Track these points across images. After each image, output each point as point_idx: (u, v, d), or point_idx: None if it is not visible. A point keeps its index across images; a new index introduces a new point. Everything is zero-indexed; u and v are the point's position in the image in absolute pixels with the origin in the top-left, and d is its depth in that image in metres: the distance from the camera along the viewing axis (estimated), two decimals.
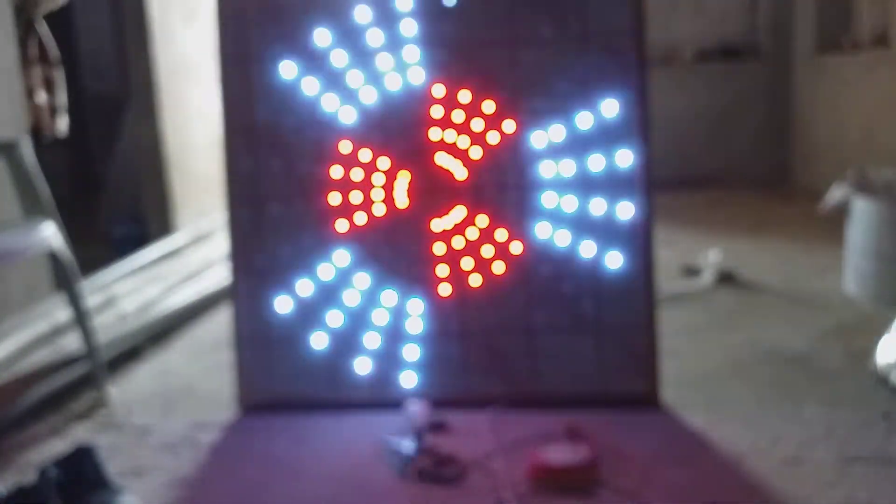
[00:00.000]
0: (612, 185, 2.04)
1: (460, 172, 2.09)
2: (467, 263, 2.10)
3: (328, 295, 2.13)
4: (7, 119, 2.80)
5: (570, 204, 2.05)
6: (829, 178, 3.86)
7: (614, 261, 2.04)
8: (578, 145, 2.05)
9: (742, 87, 5.92)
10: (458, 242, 2.10)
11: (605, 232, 2.04)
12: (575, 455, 1.68)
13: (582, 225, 2.05)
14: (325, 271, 2.13)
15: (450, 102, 2.08)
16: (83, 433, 2.07)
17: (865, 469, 1.68)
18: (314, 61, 2.10)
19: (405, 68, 2.08)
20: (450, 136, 2.09)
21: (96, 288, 3.03)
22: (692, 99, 5.96)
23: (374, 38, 2.08)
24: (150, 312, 2.89)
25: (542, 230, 2.07)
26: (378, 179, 2.11)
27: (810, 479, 1.66)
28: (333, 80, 2.10)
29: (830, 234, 3.62)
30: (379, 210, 2.12)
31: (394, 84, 2.09)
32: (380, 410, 2.05)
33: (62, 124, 3.41)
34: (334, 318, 2.12)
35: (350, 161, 2.11)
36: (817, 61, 5.31)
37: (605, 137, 2.03)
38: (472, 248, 2.10)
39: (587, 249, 2.05)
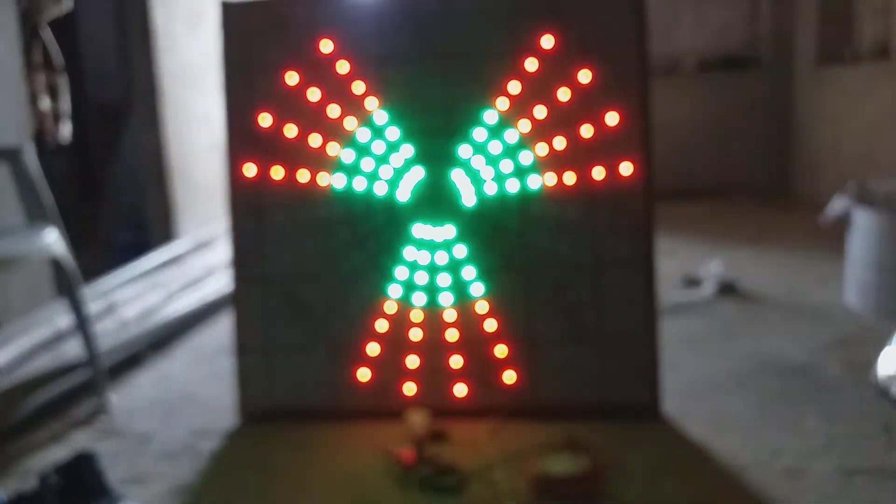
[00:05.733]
0: (614, 194, 2.04)
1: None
2: (469, 272, 2.10)
3: (329, 303, 2.13)
4: (11, 125, 2.81)
5: (572, 213, 2.06)
6: (830, 189, 3.87)
7: (615, 270, 2.04)
8: (581, 155, 2.05)
9: (743, 98, 5.94)
10: (459, 251, 2.10)
11: (607, 242, 2.05)
12: (576, 466, 1.68)
13: (583, 235, 2.06)
14: (327, 278, 2.13)
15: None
16: (84, 440, 2.07)
17: (866, 481, 1.68)
18: (317, 69, 2.11)
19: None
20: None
21: (98, 294, 3.04)
22: (694, 109, 5.97)
23: (377, 47, 2.09)
24: (151, 319, 2.90)
25: (543, 240, 2.07)
26: (381, 188, 2.12)
27: (811, 491, 1.66)
28: (336, 88, 2.11)
29: (831, 246, 3.62)
30: (381, 217, 2.12)
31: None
32: (380, 420, 2.05)
33: (65, 131, 3.42)
34: (336, 327, 2.12)
35: (353, 169, 2.12)
36: (818, 72, 5.33)
37: (607, 147, 2.04)
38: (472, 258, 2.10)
39: (588, 259, 2.05)
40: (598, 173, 2.04)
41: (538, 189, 2.06)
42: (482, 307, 2.09)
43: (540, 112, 2.06)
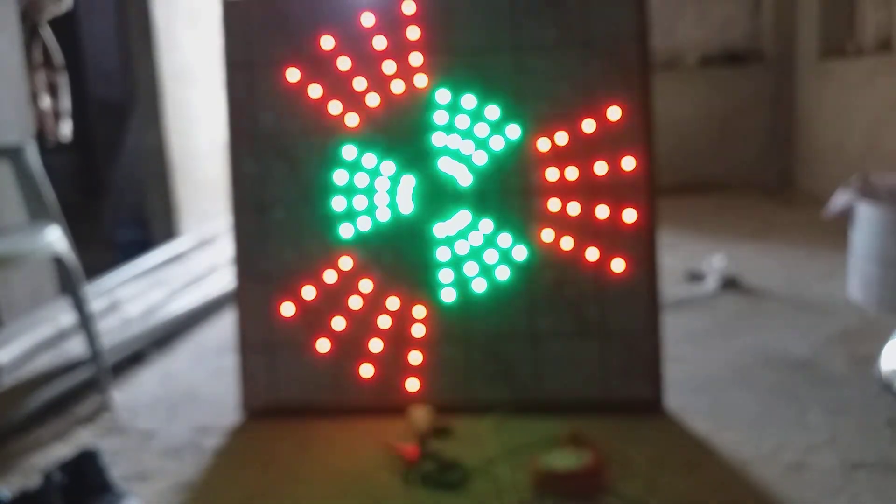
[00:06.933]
0: (616, 190, 2.04)
1: (464, 177, 2.10)
2: (471, 269, 2.10)
3: (332, 300, 2.13)
4: (13, 124, 2.81)
5: (574, 209, 2.05)
6: (833, 183, 3.86)
7: (618, 266, 2.04)
8: (582, 150, 2.05)
9: (746, 93, 5.92)
10: (461, 247, 2.10)
11: (609, 237, 2.04)
12: (579, 461, 1.68)
13: (586, 230, 2.05)
14: (330, 276, 2.13)
15: (454, 108, 2.09)
16: (87, 437, 2.08)
17: (870, 475, 1.68)
18: (318, 66, 2.11)
19: (409, 73, 2.09)
20: (454, 141, 2.09)
21: (100, 292, 3.04)
22: (696, 104, 5.96)
23: (379, 42, 2.09)
24: (154, 317, 2.90)
25: (545, 235, 2.07)
26: (382, 184, 2.12)
27: (814, 485, 1.66)
28: (338, 85, 2.11)
29: (834, 240, 3.61)
30: (383, 215, 2.12)
31: (398, 89, 2.10)
32: (383, 415, 2.05)
33: (66, 129, 3.42)
34: (338, 323, 2.13)
35: (354, 166, 2.12)
36: (821, 66, 5.31)
37: (609, 142, 2.04)
38: (475, 254, 2.10)
39: (591, 254, 2.05)
40: (601, 168, 2.04)
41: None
42: (485, 303, 2.09)
43: (542, 108, 2.05)
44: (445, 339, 2.10)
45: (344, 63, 2.10)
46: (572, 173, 2.05)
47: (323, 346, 2.13)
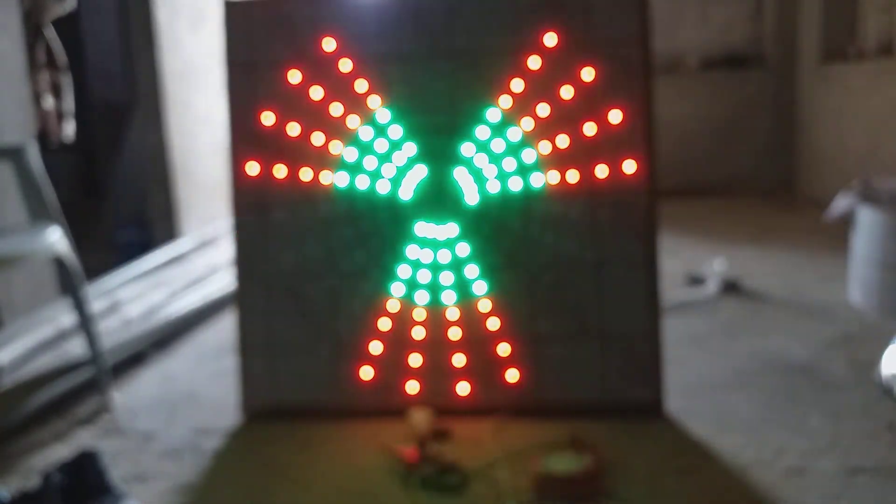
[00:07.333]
0: (617, 193, 2.04)
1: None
2: (472, 271, 2.10)
3: (332, 301, 2.13)
4: (15, 124, 2.82)
5: (575, 212, 2.05)
6: (834, 187, 3.86)
7: (619, 269, 2.04)
8: (584, 153, 2.05)
9: (747, 96, 5.93)
10: (462, 249, 2.10)
11: (610, 240, 2.04)
12: (578, 464, 1.68)
13: (586, 233, 2.05)
14: (330, 276, 2.13)
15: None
16: (87, 438, 2.08)
17: (870, 480, 1.68)
18: (320, 68, 2.11)
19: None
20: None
21: (101, 293, 3.04)
22: (697, 107, 5.96)
23: (380, 44, 2.09)
24: (154, 318, 2.90)
25: (546, 238, 2.07)
26: (383, 186, 2.12)
27: (814, 489, 1.65)
28: (339, 87, 2.11)
29: (835, 244, 3.62)
30: (383, 216, 2.12)
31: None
32: (383, 418, 2.05)
33: (69, 129, 3.42)
34: (339, 325, 2.12)
35: (356, 167, 2.12)
36: (822, 70, 5.31)
37: (610, 146, 2.04)
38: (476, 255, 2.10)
39: (592, 257, 2.05)
40: (602, 171, 2.04)
41: (541, 187, 2.06)
42: (485, 305, 2.09)
43: (543, 110, 2.05)
44: (445, 341, 2.10)
45: (345, 65, 2.10)
46: (573, 176, 2.05)
47: (323, 348, 2.12)
